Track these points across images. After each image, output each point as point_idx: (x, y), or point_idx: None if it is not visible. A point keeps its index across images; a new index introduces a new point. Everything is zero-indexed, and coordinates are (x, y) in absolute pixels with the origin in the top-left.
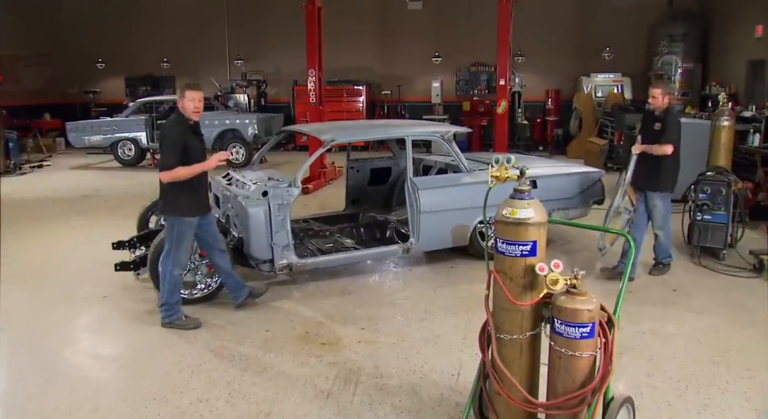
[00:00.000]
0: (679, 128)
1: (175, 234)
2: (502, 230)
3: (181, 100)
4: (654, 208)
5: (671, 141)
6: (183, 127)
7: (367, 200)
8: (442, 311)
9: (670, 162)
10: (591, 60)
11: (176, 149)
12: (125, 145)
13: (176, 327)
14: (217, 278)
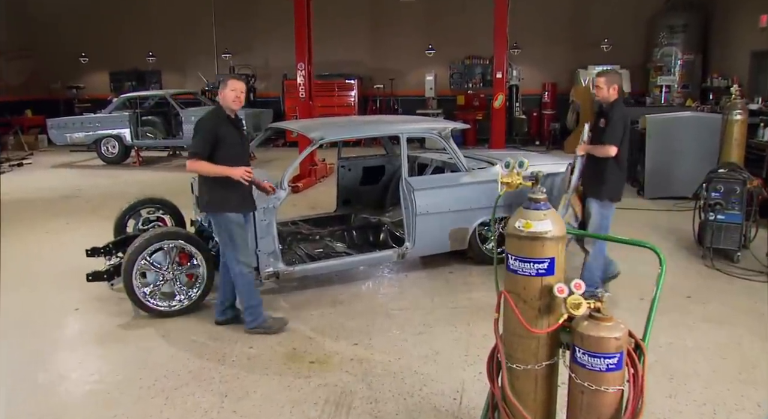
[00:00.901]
0: (623, 126)
1: (226, 233)
2: (515, 245)
3: (222, 90)
4: (588, 217)
5: (612, 141)
6: (219, 119)
7: (359, 200)
8: (441, 323)
9: (616, 167)
10: (588, 52)
11: (205, 140)
12: (109, 142)
13: (263, 331)
14: (197, 290)
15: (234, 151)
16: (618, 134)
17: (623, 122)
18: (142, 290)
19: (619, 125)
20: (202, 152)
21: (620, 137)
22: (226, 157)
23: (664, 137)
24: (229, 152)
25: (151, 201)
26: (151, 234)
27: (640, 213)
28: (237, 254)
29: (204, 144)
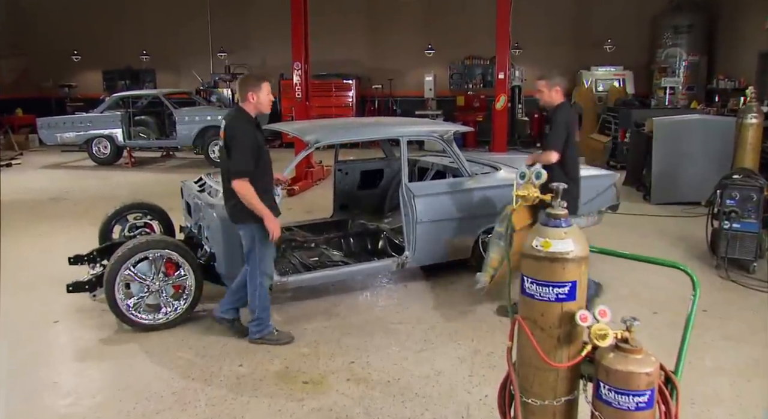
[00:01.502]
0: (564, 130)
1: (252, 243)
2: (532, 267)
3: (254, 93)
4: None
5: (552, 146)
6: (252, 125)
7: (357, 205)
8: (444, 339)
9: (562, 175)
10: (591, 53)
11: (250, 154)
12: (100, 142)
13: (268, 342)
14: (185, 302)
15: (267, 159)
16: (558, 139)
17: (565, 125)
18: (126, 303)
19: (560, 129)
20: (251, 168)
21: (561, 142)
22: (263, 167)
23: (671, 140)
24: (265, 160)
25: (138, 206)
26: (135, 243)
27: (647, 219)
28: (261, 265)
29: (251, 160)
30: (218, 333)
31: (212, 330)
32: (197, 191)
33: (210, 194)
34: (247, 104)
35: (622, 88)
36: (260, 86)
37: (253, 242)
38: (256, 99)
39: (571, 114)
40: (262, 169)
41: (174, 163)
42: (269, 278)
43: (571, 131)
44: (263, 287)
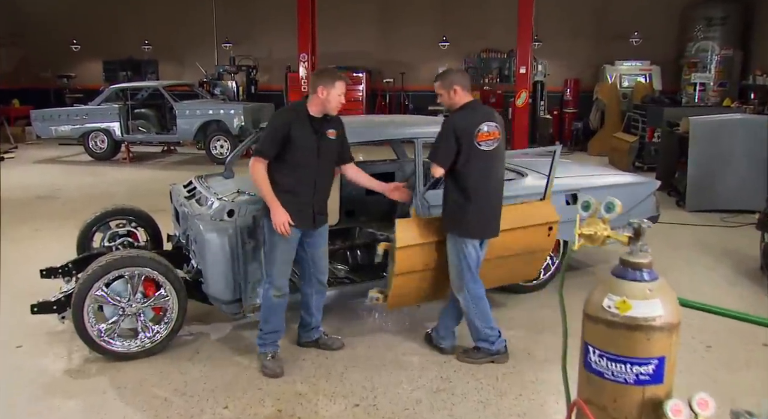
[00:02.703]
0: (447, 140)
1: (268, 243)
2: (602, 335)
3: (324, 89)
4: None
5: (433, 158)
6: (296, 118)
7: (365, 211)
8: (463, 375)
9: (456, 192)
10: (615, 46)
11: (272, 138)
12: (97, 136)
13: (261, 367)
14: (166, 326)
15: (304, 156)
16: (438, 151)
17: (451, 134)
18: (97, 328)
19: (443, 139)
20: (267, 151)
21: (447, 154)
22: (293, 157)
23: (709, 141)
24: (299, 156)
25: (121, 212)
26: (108, 259)
27: (683, 229)
28: (271, 273)
29: (271, 143)
30: (203, 363)
31: (197, 359)
32: (185, 196)
33: (199, 202)
34: (314, 99)
35: (649, 84)
36: (334, 84)
37: (268, 244)
38: (326, 96)
39: (473, 118)
40: (291, 166)
41: (174, 159)
42: (276, 289)
43: (472, 141)
44: (269, 300)
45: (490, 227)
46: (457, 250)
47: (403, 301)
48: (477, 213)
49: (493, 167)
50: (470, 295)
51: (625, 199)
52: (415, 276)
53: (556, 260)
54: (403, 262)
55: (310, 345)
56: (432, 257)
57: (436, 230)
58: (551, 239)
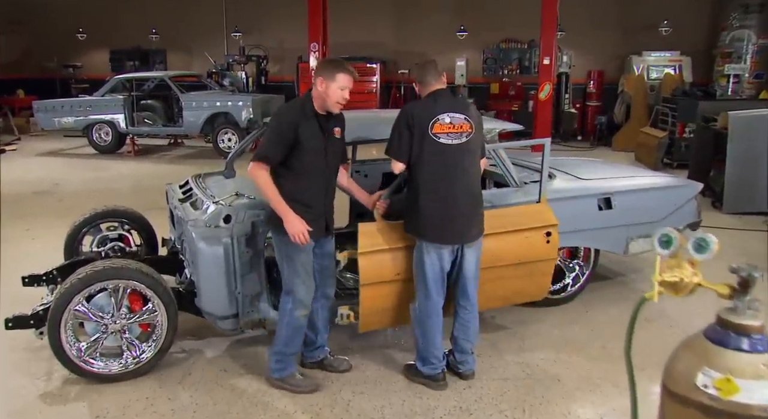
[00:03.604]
0: (399, 130)
1: (285, 258)
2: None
3: (323, 82)
4: None
5: (387, 150)
6: (303, 116)
7: None
8: (485, 406)
9: (410, 187)
10: (643, 36)
11: (278, 140)
12: (101, 128)
13: (288, 387)
14: (153, 344)
15: (313, 159)
16: (391, 142)
17: (404, 123)
18: (77, 346)
19: (393, 130)
20: (273, 155)
21: (395, 146)
22: (301, 162)
23: (750, 138)
24: (308, 159)
25: (113, 213)
26: (89, 271)
27: (721, 234)
28: (295, 289)
29: (276, 146)
30: (194, 387)
31: (188, 382)
32: (180, 197)
33: (195, 205)
34: (315, 92)
35: (679, 75)
36: (335, 76)
37: (286, 259)
38: (324, 89)
39: (432, 107)
40: (300, 172)
41: (181, 152)
42: (303, 307)
43: (426, 131)
44: (294, 318)
45: (449, 231)
46: (418, 254)
47: (378, 319)
48: (430, 214)
49: (457, 164)
50: (419, 309)
51: (664, 203)
52: (385, 288)
53: (585, 270)
54: (368, 270)
55: (314, 366)
56: (405, 266)
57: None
58: (552, 246)
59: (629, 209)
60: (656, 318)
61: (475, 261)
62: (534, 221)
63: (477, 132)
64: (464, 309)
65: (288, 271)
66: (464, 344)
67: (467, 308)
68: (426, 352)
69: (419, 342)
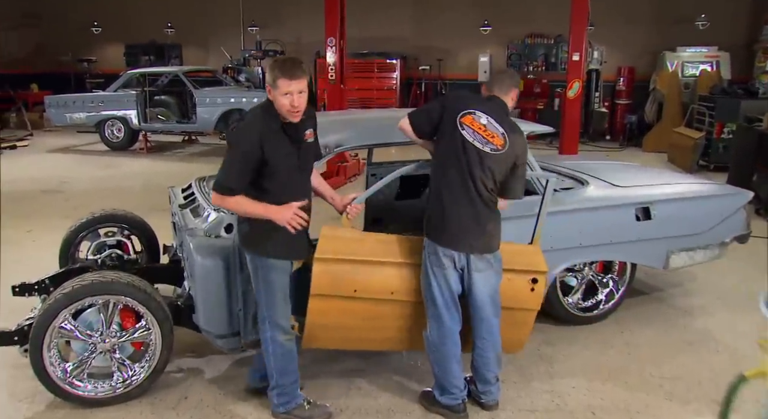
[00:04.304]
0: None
1: (262, 282)
2: None
3: (270, 90)
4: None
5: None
6: (267, 130)
7: (394, 219)
8: None
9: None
10: (677, 30)
11: (242, 166)
12: (114, 124)
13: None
14: (147, 365)
15: (287, 177)
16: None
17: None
18: (63, 367)
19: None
20: (237, 186)
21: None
22: (275, 184)
23: None
24: (279, 176)
25: (112, 218)
26: (75, 285)
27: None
28: (273, 314)
29: (240, 174)
30: (190, 413)
31: (183, 407)
32: (180, 205)
33: (195, 213)
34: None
35: (716, 72)
36: (275, 82)
37: (264, 283)
38: (273, 98)
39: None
40: (274, 191)
41: (195, 150)
42: (284, 331)
43: (455, 117)
44: (279, 344)
45: (446, 233)
46: (424, 275)
47: (326, 336)
48: (432, 206)
49: (471, 168)
50: (431, 336)
51: (709, 213)
52: (338, 303)
53: (620, 286)
54: (321, 280)
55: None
56: (365, 284)
57: (381, 248)
58: (536, 296)
59: (670, 219)
60: (699, 340)
61: (489, 285)
62: (520, 264)
63: (507, 158)
64: (480, 338)
65: (266, 295)
66: (485, 373)
67: (484, 337)
68: (444, 381)
69: (436, 372)
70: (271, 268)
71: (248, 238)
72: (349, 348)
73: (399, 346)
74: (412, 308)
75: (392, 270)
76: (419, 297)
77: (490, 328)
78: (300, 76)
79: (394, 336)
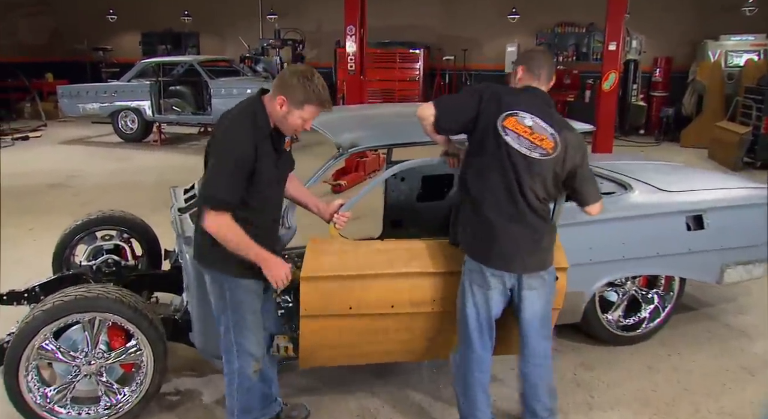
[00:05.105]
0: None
1: (229, 304)
2: None
3: (286, 105)
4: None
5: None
6: (259, 136)
7: (415, 222)
8: None
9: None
10: (720, 18)
11: (237, 176)
12: (127, 116)
13: None
14: (137, 389)
15: (268, 188)
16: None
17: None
18: (42, 392)
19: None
20: (232, 198)
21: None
22: (256, 196)
23: None
24: (262, 188)
25: (110, 220)
26: (56, 302)
27: None
28: (244, 340)
29: (235, 185)
30: None
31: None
32: (179, 208)
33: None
34: (271, 106)
35: (763, 62)
36: (302, 106)
37: (223, 303)
38: (284, 113)
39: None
40: (255, 206)
41: None
42: (255, 361)
43: (495, 120)
44: (245, 376)
45: (495, 252)
46: (460, 293)
47: (325, 355)
48: (472, 223)
49: (519, 179)
50: (459, 361)
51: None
52: (334, 322)
53: (667, 303)
54: (311, 300)
55: None
56: (361, 300)
57: (375, 259)
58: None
59: (726, 229)
60: (760, 368)
61: (540, 304)
62: None
63: (561, 162)
64: (528, 363)
65: (234, 319)
66: (534, 405)
67: (533, 363)
68: (468, 413)
69: (460, 401)
70: (239, 288)
71: (210, 253)
72: (353, 363)
73: (407, 357)
74: (417, 320)
75: (390, 283)
76: (424, 308)
77: (538, 352)
78: (321, 104)
79: (400, 348)
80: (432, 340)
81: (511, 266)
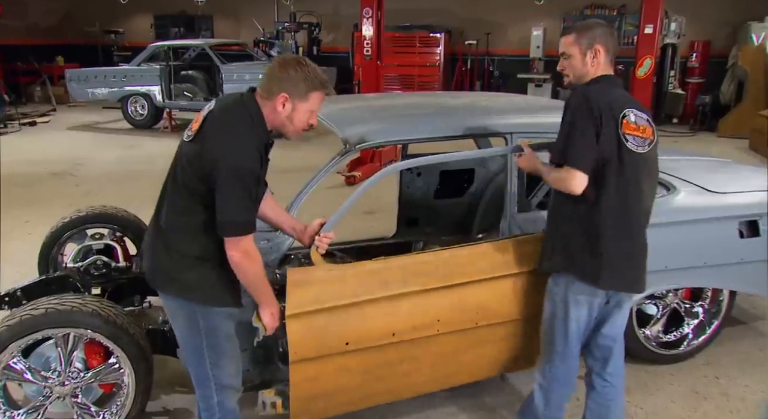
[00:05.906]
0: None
1: (204, 335)
2: None
3: (289, 101)
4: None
5: (567, 160)
6: (261, 143)
7: (432, 221)
8: None
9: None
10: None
11: (255, 186)
12: (137, 101)
13: None
14: (117, 411)
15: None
16: (571, 142)
17: (588, 115)
18: (9, 415)
19: (570, 127)
20: (252, 217)
21: (579, 148)
22: None
23: None
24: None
25: (102, 217)
26: (24, 316)
27: None
28: (220, 373)
29: (253, 203)
30: None
31: None
32: None
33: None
34: (269, 109)
35: None
36: (307, 95)
37: (197, 335)
38: (290, 111)
39: (616, 97)
40: None
41: None
42: (235, 390)
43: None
44: (228, 410)
45: (630, 275)
46: (560, 304)
47: (321, 406)
48: (611, 251)
49: (642, 185)
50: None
51: None
52: (330, 364)
53: (714, 319)
54: (301, 340)
55: None
56: (359, 332)
57: (368, 282)
58: None
59: None
60: None
61: (624, 319)
62: None
63: (656, 144)
64: (604, 381)
65: (209, 349)
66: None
67: (609, 381)
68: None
69: None
70: (212, 312)
71: (181, 277)
72: (355, 409)
73: (419, 391)
74: (421, 346)
75: (388, 307)
76: (428, 331)
77: (620, 370)
78: (328, 91)
79: (407, 383)
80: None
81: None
